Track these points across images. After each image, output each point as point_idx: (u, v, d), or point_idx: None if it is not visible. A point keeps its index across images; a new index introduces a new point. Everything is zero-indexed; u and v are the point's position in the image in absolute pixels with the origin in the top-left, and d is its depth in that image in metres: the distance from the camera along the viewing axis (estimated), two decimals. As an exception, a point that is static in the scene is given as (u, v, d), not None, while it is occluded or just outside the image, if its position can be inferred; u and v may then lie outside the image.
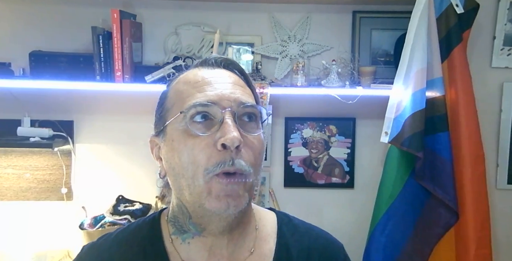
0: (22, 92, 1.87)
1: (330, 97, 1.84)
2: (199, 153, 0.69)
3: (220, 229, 0.75)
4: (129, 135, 2.02)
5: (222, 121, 0.70)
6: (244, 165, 0.69)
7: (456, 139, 1.73)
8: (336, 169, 2.05)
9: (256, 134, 0.73)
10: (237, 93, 0.73)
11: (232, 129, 0.68)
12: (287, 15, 1.98)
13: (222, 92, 0.72)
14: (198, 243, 0.77)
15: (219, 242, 0.76)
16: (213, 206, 0.70)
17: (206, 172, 0.69)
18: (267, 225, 0.84)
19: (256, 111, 0.74)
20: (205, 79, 0.75)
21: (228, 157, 0.69)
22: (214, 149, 0.69)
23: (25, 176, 1.98)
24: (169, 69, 1.77)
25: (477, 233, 1.72)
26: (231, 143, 0.67)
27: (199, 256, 0.77)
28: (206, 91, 0.72)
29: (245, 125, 0.72)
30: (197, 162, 0.69)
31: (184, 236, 0.77)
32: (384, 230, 1.77)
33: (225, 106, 0.71)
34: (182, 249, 0.78)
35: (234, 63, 0.81)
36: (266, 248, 0.81)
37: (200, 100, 0.71)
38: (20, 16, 1.95)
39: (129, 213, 1.81)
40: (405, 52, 1.70)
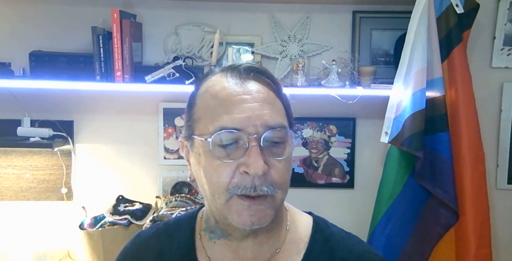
0: (22, 92, 1.87)
1: (330, 97, 1.84)
2: (221, 174, 0.70)
3: (245, 235, 0.77)
4: (129, 135, 2.02)
5: (247, 147, 0.69)
6: (266, 190, 0.70)
7: (456, 139, 1.73)
8: (336, 169, 2.05)
9: (283, 158, 0.72)
10: (266, 114, 0.71)
11: (256, 158, 0.68)
12: (287, 15, 1.98)
13: (250, 115, 0.70)
14: (224, 245, 0.79)
15: (243, 245, 0.78)
16: (237, 223, 0.72)
17: (227, 192, 0.71)
18: (300, 228, 0.83)
19: (284, 133, 0.73)
20: (233, 96, 0.72)
21: (250, 182, 0.69)
22: (237, 171, 0.70)
23: (25, 176, 1.98)
24: (169, 69, 1.77)
25: (477, 233, 1.72)
26: (255, 173, 0.68)
27: (223, 255, 0.79)
28: (233, 113, 0.70)
29: (273, 148, 0.72)
30: (220, 183, 0.71)
31: (211, 235, 0.81)
32: (384, 230, 1.77)
33: (251, 132, 0.69)
34: (208, 246, 0.81)
35: (265, 72, 0.77)
36: (294, 251, 0.80)
37: (226, 125, 0.70)
38: (20, 16, 1.95)
39: (129, 213, 1.81)
40: (405, 52, 1.70)
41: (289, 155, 0.74)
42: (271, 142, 0.71)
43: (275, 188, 0.71)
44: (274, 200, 0.72)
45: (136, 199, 1.94)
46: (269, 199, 0.71)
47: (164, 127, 2.01)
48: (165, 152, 2.02)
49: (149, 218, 1.75)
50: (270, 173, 0.71)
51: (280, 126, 0.72)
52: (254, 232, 0.76)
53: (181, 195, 1.90)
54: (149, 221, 1.73)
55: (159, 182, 2.02)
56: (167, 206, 1.85)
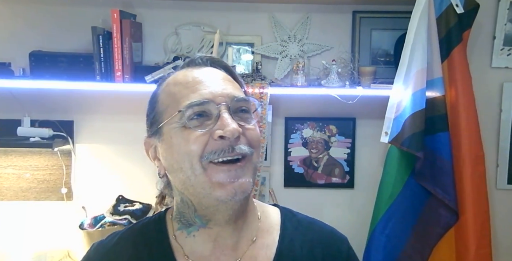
0: (22, 92, 1.87)
1: (330, 97, 1.84)
2: (194, 143, 0.72)
3: (226, 217, 0.77)
4: (129, 135, 2.02)
5: (218, 115, 0.73)
6: (245, 148, 0.73)
7: (456, 139, 1.73)
8: (336, 169, 2.05)
9: (252, 124, 0.77)
10: (229, 88, 0.77)
11: (230, 121, 0.72)
12: (287, 15, 1.98)
13: (215, 89, 0.76)
14: (204, 235, 0.79)
15: (224, 232, 0.79)
16: (220, 194, 0.72)
17: (201, 159, 0.72)
18: (270, 217, 0.87)
19: (248, 103, 0.78)
20: (195, 78, 0.77)
21: (227, 145, 0.72)
22: (211, 139, 0.72)
23: (25, 176, 1.98)
24: (169, 69, 1.77)
25: (477, 233, 1.72)
26: (231, 135, 0.71)
27: (203, 248, 0.79)
28: (199, 90, 0.75)
29: (242, 116, 0.76)
30: (193, 151, 0.72)
31: (190, 229, 0.80)
32: (384, 230, 1.77)
33: (219, 101, 0.74)
34: (186, 244, 0.80)
35: (220, 61, 0.84)
36: (269, 239, 0.83)
37: (195, 99, 0.74)
38: (20, 16, 1.95)
39: (129, 213, 1.81)
40: (405, 52, 1.70)
41: (257, 126, 0.79)
42: (238, 111, 0.76)
43: (252, 148, 0.75)
44: (251, 162, 0.75)
45: (136, 199, 1.94)
46: (245, 162, 0.74)
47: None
48: (165, 152, 2.02)
49: (149, 218, 1.75)
50: (244, 135, 0.74)
51: (245, 98, 0.78)
52: (235, 214, 0.77)
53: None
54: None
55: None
56: (167, 206, 1.85)
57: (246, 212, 0.81)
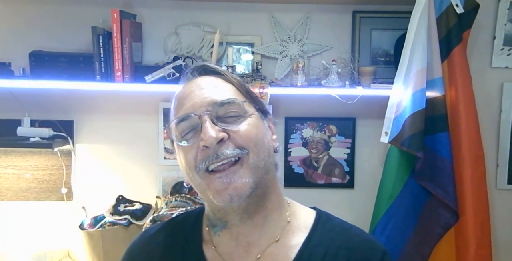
0: (22, 92, 1.87)
1: (330, 97, 1.84)
2: (187, 155, 0.78)
3: (238, 217, 0.80)
4: (129, 135, 2.02)
5: (201, 125, 0.76)
6: (230, 152, 0.75)
7: (456, 139, 1.73)
8: (336, 169, 2.05)
9: (241, 125, 0.78)
10: (211, 95, 0.79)
11: (207, 130, 0.75)
12: (287, 15, 1.98)
13: (195, 101, 0.79)
14: (226, 235, 0.83)
15: (243, 230, 0.82)
16: (218, 201, 0.76)
17: (196, 170, 0.77)
18: (301, 219, 0.86)
19: (235, 104, 0.79)
20: (184, 93, 0.82)
21: (211, 152, 0.75)
22: (199, 150, 0.76)
23: (25, 176, 1.98)
24: (169, 69, 1.77)
25: (477, 233, 1.72)
26: (210, 142, 0.74)
27: (228, 245, 0.83)
28: (184, 105, 0.80)
29: (229, 120, 0.78)
30: (189, 163, 0.78)
31: (215, 229, 0.85)
32: (384, 230, 1.77)
33: (200, 112, 0.77)
34: (215, 238, 0.85)
35: (210, 67, 0.86)
36: (293, 240, 0.83)
37: (180, 116, 0.79)
38: (20, 16, 1.95)
39: (129, 213, 1.81)
40: (405, 52, 1.70)
41: (252, 123, 0.79)
42: (224, 117, 0.78)
43: (242, 149, 0.76)
44: (246, 163, 0.76)
45: (136, 199, 1.94)
46: (239, 165, 0.76)
47: (164, 127, 2.01)
48: (165, 152, 2.02)
49: (149, 218, 1.75)
50: (232, 138, 0.76)
51: (228, 100, 0.78)
52: (247, 213, 0.79)
53: (181, 195, 1.89)
54: (149, 221, 1.73)
55: (159, 182, 2.03)
56: (167, 206, 1.85)
57: (265, 208, 0.82)
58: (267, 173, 0.80)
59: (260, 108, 0.84)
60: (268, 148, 0.81)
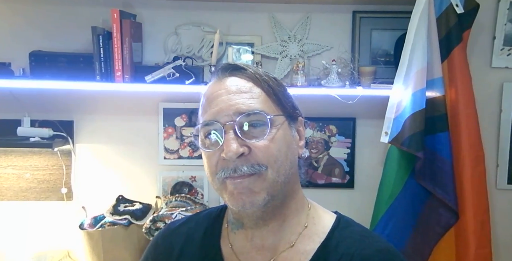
0: (22, 92, 1.87)
1: (330, 97, 1.84)
2: (210, 161, 0.79)
3: (253, 222, 0.81)
4: (129, 135, 2.02)
5: (224, 135, 0.76)
6: (247, 170, 0.75)
7: (456, 139, 1.73)
8: (336, 169, 2.05)
9: (265, 138, 0.76)
10: (238, 103, 0.77)
11: (229, 143, 0.74)
12: (287, 15, 1.98)
13: (221, 107, 0.77)
14: (242, 235, 0.85)
15: (258, 233, 0.83)
16: (231, 204, 0.78)
17: (216, 176, 0.78)
18: (319, 225, 0.85)
19: (260, 116, 0.77)
20: (212, 94, 0.80)
21: (231, 165, 0.75)
22: (220, 158, 0.77)
23: (25, 176, 1.98)
24: (169, 69, 1.77)
25: (477, 233, 1.72)
26: (229, 157, 0.74)
27: (243, 244, 0.85)
28: (211, 108, 0.78)
29: (253, 132, 0.76)
30: (210, 168, 0.79)
31: (232, 226, 0.87)
32: (384, 230, 1.77)
33: (224, 121, 0.76)
34: (231, 235, 0.87)
35: (242, 68, 0.83)
36: (308, 245, 0.82)
37: (205, 119, 0.78)
38: (20, 16, 1.95)
39: (129, 213, 1.81)
40: (405, 52, 1.70)
41: (277, 137, 0.77)
42: (250, 126, 0.76)
43: (261, 166, 0.75)
44: (263, 178, 0.76)
45: (136, 199, 1.94)
46: (256, 178, 0.75)
47: (164, 127, 2.01)
48: (165, 152, 2.02)
49: (149, 218, 1.75)
50: (252, 154, 0.75)
51: (254, 111, 0.76)
52: (262, 219, 0.80)
53: (181, 195, 1.90)
54: (149, 221, 1.73)
55: (159, 182, 2.02)
56: (167, 206, 1.85)
57: (283, 215, 0.82)
58: (287, 184, 0.80)
59: (290, 113, 0.83)
60: (292, 160, 0.81)
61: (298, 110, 0.88)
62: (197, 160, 2.02)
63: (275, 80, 0.84)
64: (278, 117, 0.79)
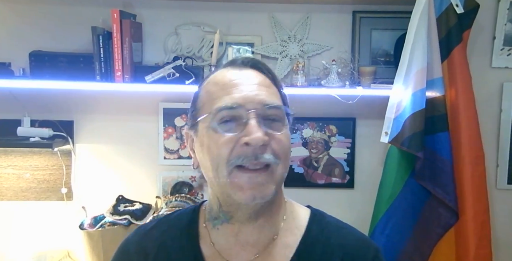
0: (22, 92, 1.87)
1: (330, 97, 1.84)
2: (222, 146, 0.75)
3: (247, 216, 0.80)
4: (129, 135, 2.02)
5: (247, 122, 0.74)
6: (270, 158, 0.74)
7: (456, 139, 1.73)
8: (336, 169, 2.05)
9: (282, 133, 0.77)
10: (262, 94, 0.77)
11: (256, 130, 0.73)
12: (287, 15, 1.98)
13: (247, 94, 0.76)
14: (226, 230, 0.83)
15: (245, 229, 0.82)
16: (239, 197, 0.75)
17: (228, 163, 0.74)
18: (297, 218, 0.87)
19: (280, 111, 0.78)
20: (232, 81, 0.79)
21: (251, 152, 0.73)
22: (237, 144, 0.74)
23: (25, 176, 1.98)
24: (169, 69, 1.77)
25: (477, 233, 1.72)
26: (255, 143, 0.73)
27: (226, 241, 0.83)
28: (232, 93, 0.77)
29: (271, 124, 0.77)
30: (221, 155, 0.75)
31: (215, 222, 0.84)
32: (384, 230, 1.77)
33: (250, 108, 0.75)
34: (212, 233, 0.85)
35: (262, 64, 0.84)
36: (291, 238, 0.84)
37: (227, 103, 0.75)
38: (20, 16, 1.95)
39: (129, 213, 1.81)
40: (405, 52, 1.70)
41: (287, 135, 0.79)
42: (269, 119, 0.77)
43: (277, 158, 0.75)
44: (274, 173, 0.76)
45: (136, 199, 1.94)
46: (269, 172, 0.75)
47: (164, 127, 2.01)
48: (165, 152, 2.02)
49: (149, 218, 1.75)
50: (271, 144, 0.75)
51: (277, 105, 0.78)
52: (256, 214, 0.80)
53: (181, 195, 1.90)
54: (149, 221, 1.73)
55: (159, 182, 2.02)
56: (167, 206, 1.85)
57: (270, 211, 0.83)
58: (283, 183, 0.82)
59: (290, 119, 0.84)
60: (290, 160, 0.82)
61: None
62: (197, 160, 2.02)
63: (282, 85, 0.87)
64: (286, 117, 0.81)
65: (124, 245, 0.92)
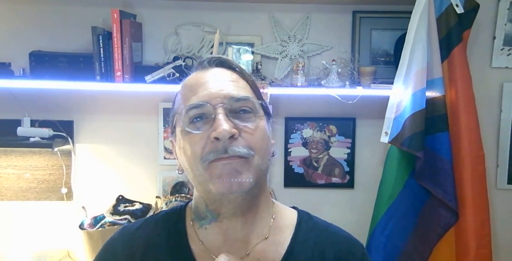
0: (22, 92, 1.87)
1: (330, 97, 1.84)
2: (195, 146, 0.76)
3: (231, 211, 0.80)
4: (129, 135, 2.02)
5: (214, 117, 0.75)
6: (239, 150, 0.74)
7: (456, 139, 1.73)
8: (336, 169, 2.05)
9: (252, 123, 0.77)
10: (228, 89, 0.78)
11: (222, 123, 0.73)
12: (287, 15, 1.98)
13: (212, 90, 0.78)
14: (215, 228, 0.83)
15: (233, 226, 0.81)
16: (218, 188, 0.74)
17: (202, 160, 0.75)
18: (285, 218, 0.88)
19: (250, 103, 0.78)
20: (199, 81, 0.81)
21: (221, 146, 0.73)
22: (208, 141, 0.75)
23: (25, 176, 1.98)
24: (169, 69, 1.77)
25: (477, 233, 1.72)
26: (222, 136, 0.73)
27: (215, 239, 0.83)
28: (198, 93, 0.78)
29: (241, 117, 0.77)
30: (195, 153, 0.76)
31: (202, 222, 0.84)
32: (384, 230, 1.77)
33: (215, 103, 0.76)
34: (200, 232, 0.84)
35: (228, 61, 0.85)
36: (281, 236, 0.85)
37: (193, 102, 0.77)
38: (20, 16, 1.95)
39: (129, 213, 1.81)
40: (405, 52, 1.70)
41: (261, 126, 0.78)
42: (239, 112, 0.77)
43: (250, 150, 0.75)
44: (250, 163, 0.75)
45: (136, 199, 1.94)
46: (244, 162, 0.75)
47: (164, 127, 2.01)
48: (165, 152, 2.02)
49: (149, 218, 1.75)
50: (242, 137, 0.75)
51: (244, 97, 0.78)
52: (241, 209, 0.80)
53: (181, 195, 1.90)
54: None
55: (159, 182, 2.03)
56: (167, 206, 1.85)
57: (256, 207, 0.83)
58: (264, 175, 0.81)
59: (267, 111, 0.84)
60: (269, 152, 0.81)
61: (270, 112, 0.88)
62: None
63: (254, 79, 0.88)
64: (260, 109, 0.81)
65: (110, 245, 0.90)
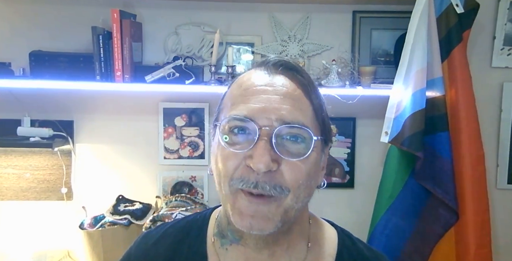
0: (22, 92, 1.87)
1: (330, 97, 1.83)
2: (228, 162, 0.66)
3: (254, 242, 0.71)
4: (129, 135, 2.02)
5: (256, 140, 0.65)
6: (269, 190, 0.64)
7: (456, 139, 1.73)
8: (336, 169, 2.05)
9: (297, 159, 0.66)
10: (284, 108, 0.66)
11: (261, 153, 0.63)
12: (287, 15, 1.98)
13: (265, 106, 0.66)
14: (236, 252, 0.74)
15: (257, 256, 0.73)
16: (236, 222, 0.67)
17: (231, 182, 0.67)
18: (324, 245, 0.77)
19: (302, 131, 0.66)
20: (254, 87, 0.69)
21: (253, 177, 0.64)
22: (243, 162, 0.66)
23: (25, 176, 1.98)
24: (169, 69, 1.77)
25: (477, 233, 1.72)
26: (257, 168, 0.63)
27: None
28: (249, 102, 0.67)
29: (288, 146, 0.66)
30: (226, 171, 0.67)
31: (223, 241, 0.75)
32: (384, 230, 1.77)
33: (262, 125, 0.65)
34: (221, 252, 0.76)
35: (296, 69, 0.72)
36: None
37: (239, 114, 0.66)
38: (20, 16, 1.95)
39: (129, 213, 1.81)
40: (405, 52, 1.70)
41: (309, 160, 0.67)
42: (287, 139, 0.66)
43: (283, 190, 0.65)
44: (281, 204, 0.66)
45: (136, 199, 1.94)
46: (273, 202, 0.65)
47: (164, 127, 2.01)
48: (165, 152, 2.02)
49: (149, 218, 1.75)
50: (279, 172, 0.65)
51: (299, 124, 0.66)
52: (266, 243, 0.71)
53: (181, 195, 1.90)
54: (149, 221, 1.73)
55: (159, 182, 2.03)
56: (167, 206, 1.85)
57: (287, 240, 0.73)
58: (300, 211, 0.70)
59: (326, 137, 0.73)
60: (313, 187, 0.71)
61: (331, 136, 0.76)
62: (197, 160, 2.02)
63: (320, 93, 0.75)
64: (317, 140, 0.69)
65: (127, 258, 0.84)
